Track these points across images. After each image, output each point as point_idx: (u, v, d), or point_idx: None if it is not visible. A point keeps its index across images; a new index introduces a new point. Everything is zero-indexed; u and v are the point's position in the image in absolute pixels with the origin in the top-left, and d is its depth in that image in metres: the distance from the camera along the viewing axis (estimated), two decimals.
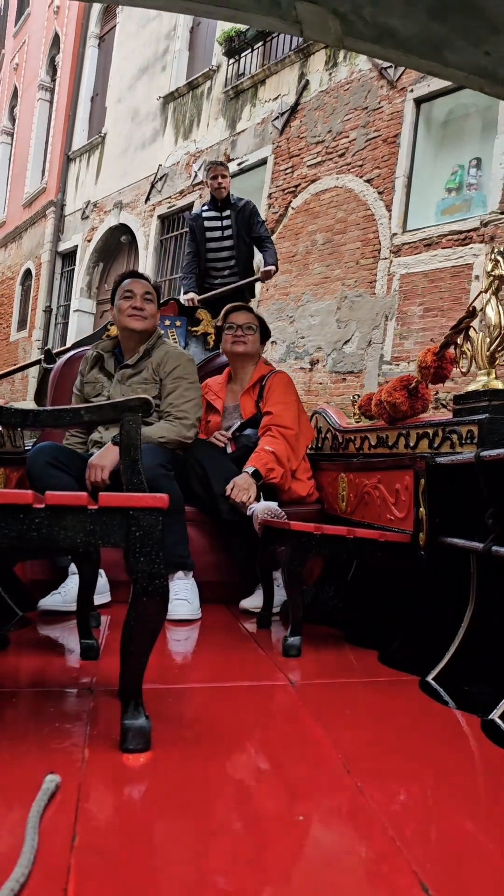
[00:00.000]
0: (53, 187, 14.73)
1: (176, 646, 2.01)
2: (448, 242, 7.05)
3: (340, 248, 8.26)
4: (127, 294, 2.52)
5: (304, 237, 8.81)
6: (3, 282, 16.84)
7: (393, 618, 2.05)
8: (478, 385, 1.85)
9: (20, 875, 0.78)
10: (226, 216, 4.42)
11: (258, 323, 2.86)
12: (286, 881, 0.86)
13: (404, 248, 7.48)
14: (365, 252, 7.98)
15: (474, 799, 1.13)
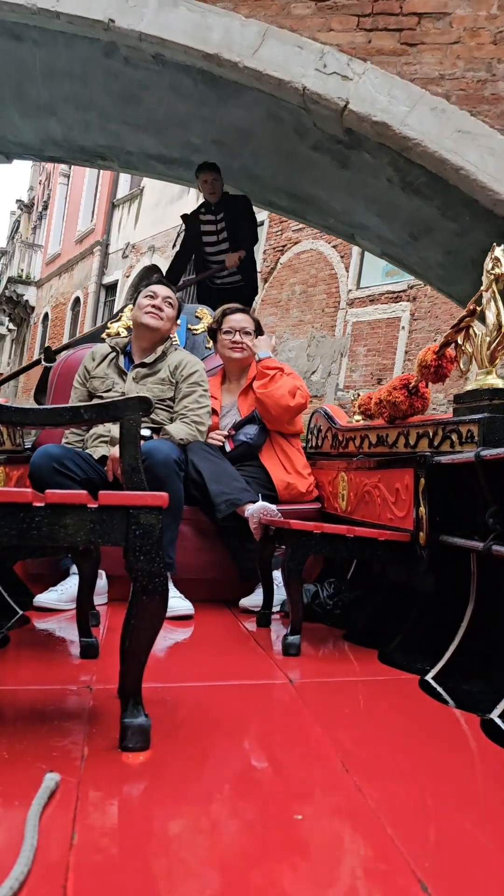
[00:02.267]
0: (100, 228, 17.15)
1: (176, 644, 2.01)
2: (385, 300, 9.45)
3: (312, 297, 10.68)
4: (150, 294, 2.60)
5: (286, 287, 11.28)
6: (57, 306, 19.65)
7: (392, 617, 2.05)
8: (478, 384, 1.85)
9: (20, 873, 0.78)
10: (220, 218, 4.43)
11: (255, 325, 2.86)
12: (285, 880, 0.86)
13: (356, 301, 9.92)
14: (329, 302, 10.43)
15: (473, 798, 1.13)
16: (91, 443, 2.48)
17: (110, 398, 2.42)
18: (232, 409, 2.82)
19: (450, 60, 3.84)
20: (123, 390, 2.49)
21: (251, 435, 2.71)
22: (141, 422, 1.69)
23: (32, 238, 23.04)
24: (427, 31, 3.85)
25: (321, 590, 2.34)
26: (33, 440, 2.88)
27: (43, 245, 21.83)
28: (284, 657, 1.83)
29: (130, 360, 2.62)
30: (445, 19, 3.84)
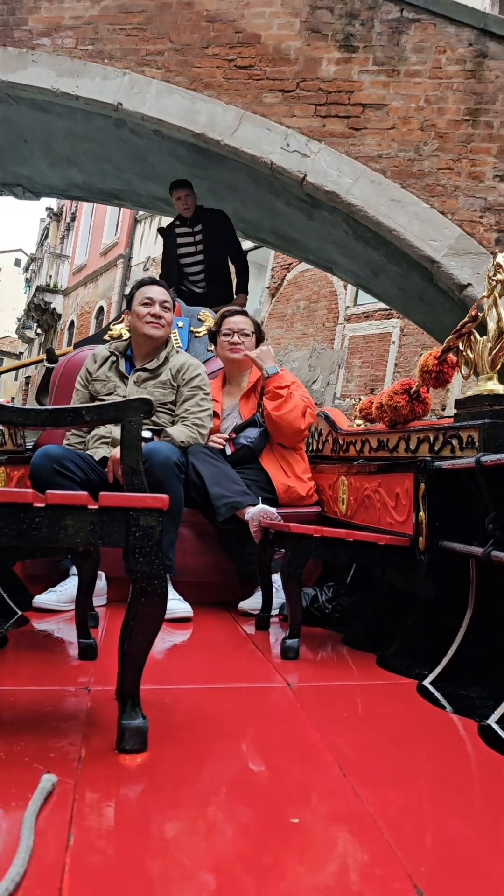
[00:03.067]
0: (123, 242, 18.22)
1: (174, 647, 2.01)
2: (378, 316, 10.44)
3: (314, 313, 11.77)
4: (146, 301, 2.56)
5: (292, 303, 12.36)
6: (82, 314, 20.78)
7: (391, 621, 2.05)
8: (479, 390, 1.85)
9: (15, 874, 0.78)
10: (197, 231, 4.53)
11: (254, 327, 2.87)
12: (281, 883, 0.86)
13: (353, 317, 10.93)
14: (328, 318, 11.52)
15: (470, 803, 1.13)
16: (92, 444, 2.48)
17: (112, 402, 2.42)
18: (233, 412, 2.82)
19: (386, 142, 4.90)
20: (125, 394, 2.49)
21: (252, 438, 2.72)
22: (142, 424, 1.69)
23: (60, 248, 24.48)
24: (369, 119, 4.91)
25: (320, 594, 2.34)
26: (34, 441, 2.88)
27: (70, 256, 23.08)
28: (283, 661, 1.83)
29: (131, 364, 2.61)
30: (384, 109, 4.92)
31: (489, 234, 4.78)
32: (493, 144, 4.84)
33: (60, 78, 5.18)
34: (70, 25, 5.28)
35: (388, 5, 4.96)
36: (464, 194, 4.83)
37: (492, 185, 4.81)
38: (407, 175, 4.87)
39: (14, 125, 5.73)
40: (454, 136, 4.89)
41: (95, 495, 1.19)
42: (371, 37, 4.99)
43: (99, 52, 5.25)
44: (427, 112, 4.90)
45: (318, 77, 5.01)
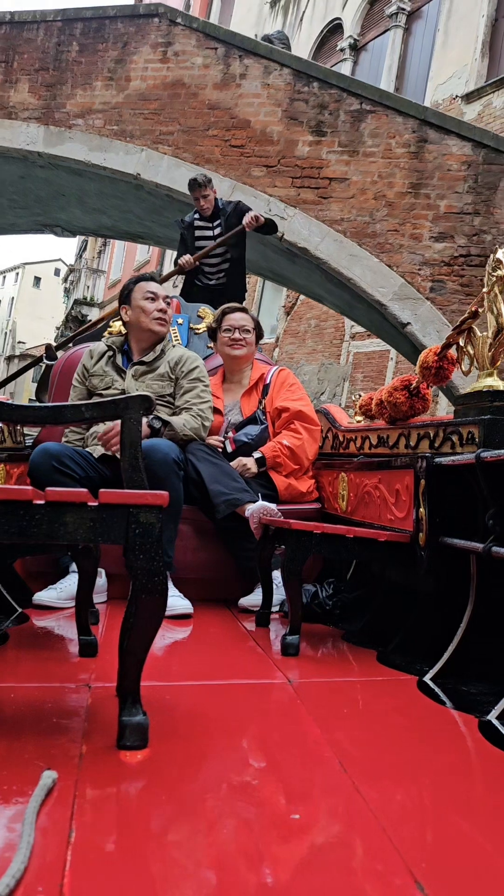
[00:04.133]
0: (154, 260, 19.19)
1: (174, 643, 2.01)
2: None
3: (323, 330, 12.30)
4: (150, 296, 2.55)
5: (304, 321, 12.97)
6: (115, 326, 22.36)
7: (391, 617, 2.05)
8: (480, 386, 1.85)
9: (16, 871, 0.78)
10: (217, 225, 4.57)
11: (254, 324, 2.87)
12: (281, 879, 0.86)
13: (356, 335, 11.28)
14: (336, 335, 12.05)
15: (471, 799, 1.13)
16: (91, 441, 2.47)
17: (110, 395, 2.42)
18: (234, 409, 2.82)
19: (347, 209, 6.24)
20: (123, 387, 2.49)
21: (252, 435, 2.72)
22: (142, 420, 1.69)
23: (97, 263, 25.93)
24: (334, 189, 6.28)
25: (320, 590, 2.34)
26: (34, 438, 2.88)
27: (106, 271, 24.34)
28: (283, 657, 1.83)
29: (128, 358, 2.61)
30: (346, 182, 6.28)
31: (425, 283, 6.06)
32: (430, 212, 6.12)
33: (91, 152, 6.70)
34: (99, 109, 6.77)
35: (351, 99, 6.34)
36: (406, 251, 6.11)
37: (428, 245, 6.08)
38: (363, 235, 6.19)
39: (54, 184, 7.49)
40: (400, 204, 6.19)
41: (95, 492, 1.19)
42: (337, 124, 6.37)
43: (122, 132, 6.74)
44: (379, 185, 6.24)
45: (294, 155, 6.38)
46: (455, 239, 6.07)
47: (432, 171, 6.14)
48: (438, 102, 10.18)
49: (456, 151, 6.14)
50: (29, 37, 7.02)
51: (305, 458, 2.70)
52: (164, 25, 6.85)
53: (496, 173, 6.05)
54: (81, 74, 6.90)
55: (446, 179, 6.14)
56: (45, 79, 6.92)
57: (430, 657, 1.74)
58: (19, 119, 6.87)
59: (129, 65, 6.86)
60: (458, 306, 5.92)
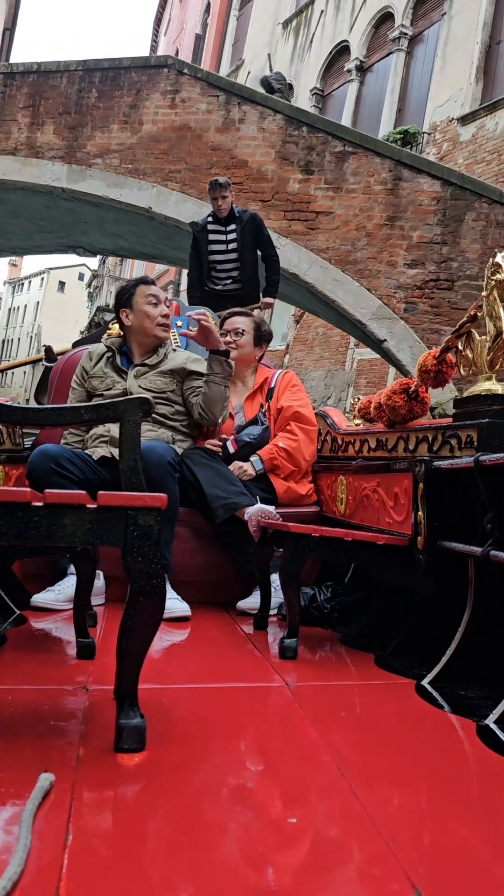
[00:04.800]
0: (173, 270, 19.97)
1: (172, 646, 2.01)
2: None
3: (330, 338, 12.76)
4: (152, 300, 2.55)
5: (312, 329, 13.45)
6: None
7: (390, 621, 2.05)
8: (478, 389, 1.85)
9: (13, 873, 0.78)
10: (230, 230, 4.66)
11: (253, 326, 2.89)
12: (278, 883, 0.86)
13: (360, 343, 11.02)
14: (341, 343, 12.51)
15: (468, 803, 1.13)
16: (91, 443, 2.47)
17: (111, 395, 2.42)
18: (239, 412, 2.83)
19: (332, 239, 7.13)
20: (125, 387, 2.49)
21: (254, 435, 2.73)
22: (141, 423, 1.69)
23: (119, 271, 27.31)
24: (321, 222, 7.19)
25: (319, 593, 2.34)
26: (33, 439, 2.88)
27: (127, 278, 26.76)
28: (281, 660, 1.83)
29: (128, 360, 2.61)
30: (331, 215, 7.19)
31: (400, 304, 6.94)
32: (404, 242, 7.00)
33: (109, 188, 7.65)
34: (116, 150, 7.71)
35: (335, 142, 7.27)
36: (383, 276, 6.99)
37: (402, 271, 6.97)
38: (345, 262, 7.10)
39: (76, 212, 8.43)
40: (378, 235, 7.06)
41: (93, 495, 1.19)
42: (323, 164, 7.28)
43: (135, 170, 7.69)
44: (360, 218, 7.12)
45: (286, 191, 7.31)
46: (426, 265, 6.93)
47: (406, 206, 7.06)
48: (436, 124, 10.98)
49: (427, 188, 7.02)
50: (53, 84, 7.95)
51: (302, 459, 2.70)
52: (173, 75, 7.79)
53: (461, 208, 6.89)
54: (100, 118, 7.83)
55: (418, 213, 7.02)
56: (67, 122, 7.87)
57: (428, 661, 1.74)
58: (45, 158, 7.87)
59: (141, 110, 7.79)
60: (429, 325, 6.86)
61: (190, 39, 22.47)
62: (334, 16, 14.30)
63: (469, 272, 6.87)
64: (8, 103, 7.90)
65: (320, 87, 14.77)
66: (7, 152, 7.81)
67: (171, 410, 2.54)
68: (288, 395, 2.81)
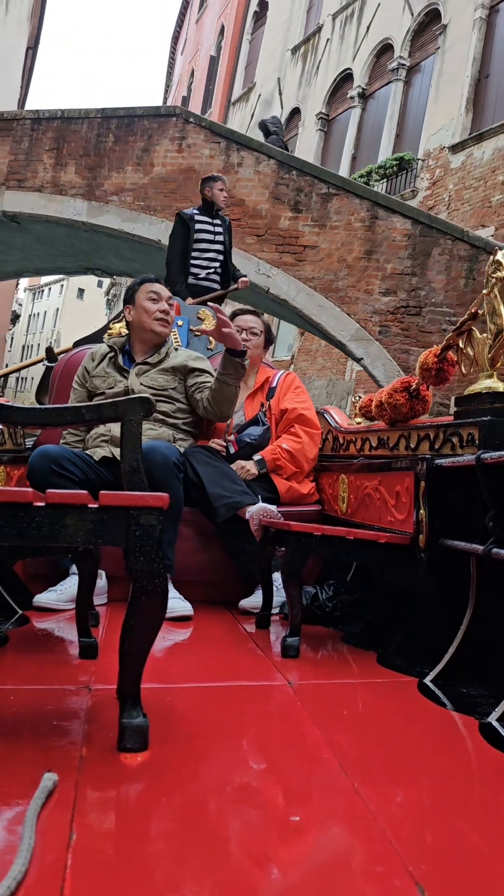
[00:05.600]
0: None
1: (175, 645, 2.01)
2: None
3: (331, 349, 12.18)
4: (153, 296, 2.57)
5: (315, 341, 13.79)
6: None
7: (392, 619, 2.05)
8: (479, 387, 1.85)
9: (17, 873, 0.78)
10: (217, 224, 4.88)
11: (263, 327, 2.89)
12: (281, 881, 0.86)
13: None
14: (341, 355, 11.91)
15: (471, 801, 1.13)
16: (92, 443, 2.47)
17: (113, 394, 2.42)
18: (239, 411, 2.82)
19: (317, 269, 8.07)
20: (127, 385, 2.49)
21: (255, 436, 2.73)
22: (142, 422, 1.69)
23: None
24: (308, 254, 8.13)
25: (320, 592, 2.34)
26: (34, 440, 2.88)
27: None
28: (283, 659, 1.83)
29: (130, 359, 2.61)
30: (316, 248, 8.13)
31: (375, 327, 7.92)
32: (379, 272, 7.97)
33: (123, 222, 8.58)
34: (129, 188, 8.65)
35: (321, 184, 8.24)
36: (361, 302, 7.95)
37: (378, 298, 7.95)
38: (328, 290, 8.04)
39: (95, 242, 9.39)
40: (357, 266, 8.02)
41: (95, 495, 1.19)
42: (310, 203, 8.22)
43: (147, 207, 8.57)
44: (342, 251, 8.08)
45: (278, 228, 8.19)
46: (398, 294, 7.90)
47: (381, 241, 8.03)
48: (430, 151, 11.79)
49: (399, 226, 7.98)
50: (75, 129, 8.88)
51: (305, 461, 2.70)
52: (180, 123, 8.72)
53: (429, 244, 7.89)
54: (116, 160, 8.79)
55: (392, 248, 7.99)
56: (87, 163, 8.82)
57: (430, 659, 1.74)
58: (67, 195, 8.83)
59: (152, 153, 8.72)
60: (400, 346, 7.84)
61: (205, 60, 23.27)
62: (339, 44, 15.22)
63: (434, 300, 7.83)
64: (35, 145, 8.92)
65: (325, 111, 15.59)
66: (34, 189, 8.87)
67: (173, 408, 2.55)
68: (291, 398, 2.80)
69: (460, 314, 6.82)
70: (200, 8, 25.12)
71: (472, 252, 7.81)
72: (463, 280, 7.77)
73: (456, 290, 7.82)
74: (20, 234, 9.52)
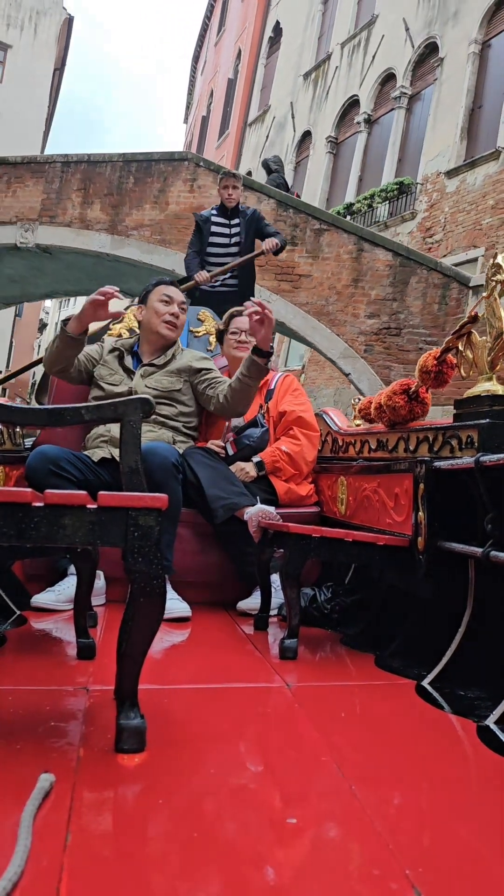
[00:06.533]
0: None
1: (173, 646, 2.01)
2: None
3: None
4: (165, 299, 2.58)
5: None
6: None
7: (390, 621, 2.05)
8: (479, 390, 1.85)
9: (13, 874, 0.78)
10: (234, 223, 4.76)
11: None
12: (278, 883, 0.86)
13: None
14: None
15: (468, 804, 1.13)
16: (91, 443, 2.47)
17: (115, 394, 2.42)
18: None
19: (311, 295, 9.33)
20: (131, 386, 2.50)
21: (254, 438, 2.72)
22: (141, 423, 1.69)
23: None
24: (302, 283, 9.40)
25: (319, 594, 2.34)
26: (34, 440, 2.88)
27: None
28: (281, 661, 1.83)
29: (137, 360, 2.63)
30: (310, 277, 9.40)
31: (361, 346, 9.20)
32: (364, 298, 9.27)
33: (143, 254, 9.87)
34: (147, 224, 9.94)
35: (314, 221, 9.50)
36: (349, 324, 9.25)
37: (363, 320, 9.25)
38: (321, 314, 9.31)
39: (118, 269, 10.44)
40: (345, 293, 9.31)
41: (93, 496, 1.19)
42: (305, 237, 9.48)
43: (163, 240, 9.83)
44: (332, 280, 9.37)
45: (277, 259, 8.38)
46: (381, 317, 9.20)
47: (366, 271, 9.33)
48: (428, 176, 12.70)
49: (382, 258, 9.31)
50: (100, 171, 10.19)
51: (304, 463, 2.70)
52: (192, 166, 9.98)
53: (407, 273, 9.24)
54: (136, 199, 10.07)
55: (375, 277, 9.29)
56: (111, 201, 10.13)
57: (428, 661, 1.74)
58: (93, 229, 10.14)
59: (167, 193, 9.91)
60: (382, 363, 9.12)
61: (223, 82, 24.33)
62: (347, 72, 16.24)
63: (412, 322, 9.13)
64: (65, 186, 10.23)
65: (334, 135, 16.54)
66: (64, 224, 10.21)
67: (174, 412, 2.55)
68: (290, 400, 2.80)
69: (435, 335, 8.95)
70: (219, 31, 26.33)
71: (445, 280, 9.18)
72: (437, 305, 9.20)
73: (431, 314, 9.15)
74: (52, 262, 10.97)
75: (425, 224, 12.49)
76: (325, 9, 18.09)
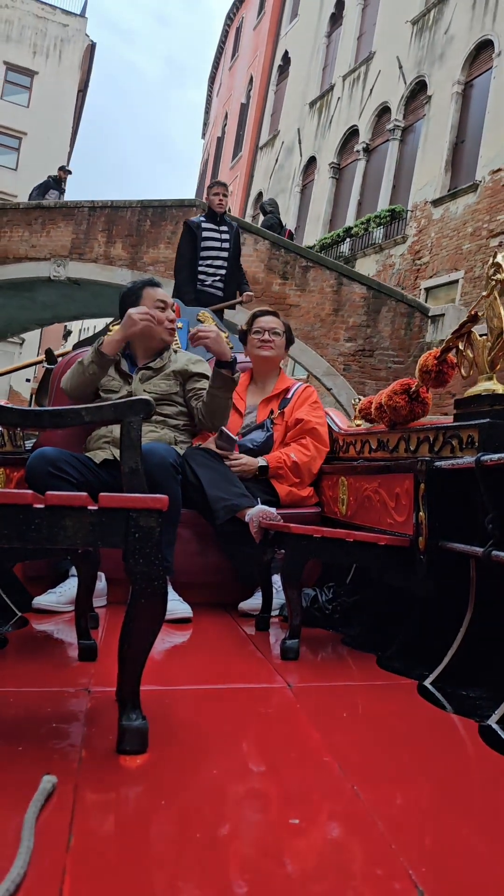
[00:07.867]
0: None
1: (174, 647, 2.01)
2: None
3: None
4: (161, 305, 2.59)
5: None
6: None
7: (391, 622, 2.04)
8: (479, 389, 1.85)
9: (16, 876, 0.78)
10: (224, 230, 4.97)
11: (284, 328, 2.90)
12: (281, 884, 0.86)
13: None
14: None
15: (471, 803, 1.13)
16: (93, 444, 2.47)
17: (117, 398, 2.42)
18: (252, 412, 2.83)
19: (300, 322, 10.71)
20: (129, 391, 2.50)
21: (257, 441, 2.72)
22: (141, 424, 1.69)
23: None
24: (292, 311, 10.78)
25: (320, 594, 2.34)
26: (34, 441, 2.88)
27: None
28: (283, 661, 1.83)
29: (132, 363, 2.62)
30: (299, 307, 11.06)
31: (340, 365, 10.83)
32: (343, 325, 10.92)
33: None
34: (162, 261, 11.57)
35: (302, 259, 11.21)
36: (330, 347, 10.88)
37: (342, 344, 10.88)
38: (307, 338, 10.83)
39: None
40: (328, 320, 10.97)
41: (93, 497, 1.19)
42: (294, 273, 11.17)
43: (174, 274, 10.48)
44: (317, 309, 11.03)
45: (271, 291, 10.99)
46: (357, 341, 10.85)
47: (345, 302, 10.98)
48: (417, 204, 13.99)
49: (358, 291, 10.94)
50: (121, 215, 11.96)
51: (308, 474, 2.70)
52: (199, 212, 10.28)
53: (379, 304, 10.87)
54: (152, 239, 11.78)
55: (353, 307, 10.93)
56: (131, 241, 11.87)
57: (430, 661, 1.74)
58: (116, 265, 11.87)
59: (179, 234, 10.90)
60: (358, 379, 10.67)
61: (237, 106, 25.43)
62: (348, 103, 17.36)
63: (383, 345, 10.75)
64: (91, 227, 11.99)
65: (337, 161, 17.60)
66: (91, 260, 11.96)
67: (175, 411, 2.55)
68: (308, 410, 2.79)
69: (401, 356, 10.60)
70: (233, 56, 27.35)
71: (409, 310, 10.76)
72: (403, 331, 10.79)
73: (398, 338, 10.70)
74: (80, 291, 12.65)
75: (414, 248, 13.72)
76: (329, 42, 19.27)
